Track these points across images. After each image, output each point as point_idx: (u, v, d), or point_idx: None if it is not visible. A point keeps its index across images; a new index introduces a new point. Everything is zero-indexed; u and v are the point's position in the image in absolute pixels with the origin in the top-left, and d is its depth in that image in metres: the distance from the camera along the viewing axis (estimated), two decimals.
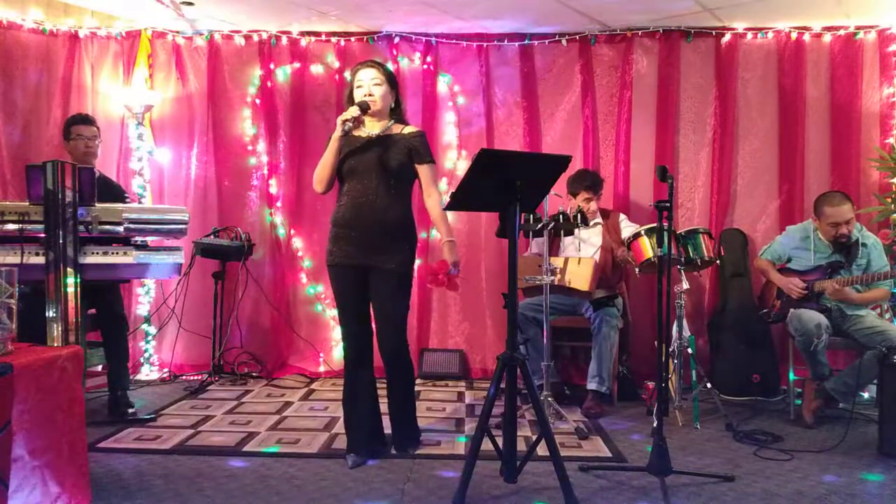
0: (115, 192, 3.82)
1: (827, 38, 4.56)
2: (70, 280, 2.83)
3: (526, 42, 4.72)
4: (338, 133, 2.86)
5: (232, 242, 4.53)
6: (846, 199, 3.72)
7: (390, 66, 4.75)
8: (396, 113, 3.03)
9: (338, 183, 3.02)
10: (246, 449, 3.11)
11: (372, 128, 2.97)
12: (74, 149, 3.74)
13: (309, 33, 4.79)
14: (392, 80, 3.01)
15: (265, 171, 4.82)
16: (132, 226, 3.00)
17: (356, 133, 2.95)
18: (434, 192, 3.02)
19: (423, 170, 2.99)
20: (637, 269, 3.85)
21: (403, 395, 3.10)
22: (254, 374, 4.70)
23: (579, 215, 3.57)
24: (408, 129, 3.02)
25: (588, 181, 4.09)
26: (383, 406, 3.11)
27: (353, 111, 2.86)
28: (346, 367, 3.02)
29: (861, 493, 2.66)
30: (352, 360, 3.00)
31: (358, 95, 2.94)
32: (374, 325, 3.03)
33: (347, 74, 4.80)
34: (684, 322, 3.70)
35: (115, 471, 2.79)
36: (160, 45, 4.80)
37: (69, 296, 2.82)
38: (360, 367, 3.00)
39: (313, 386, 4.46)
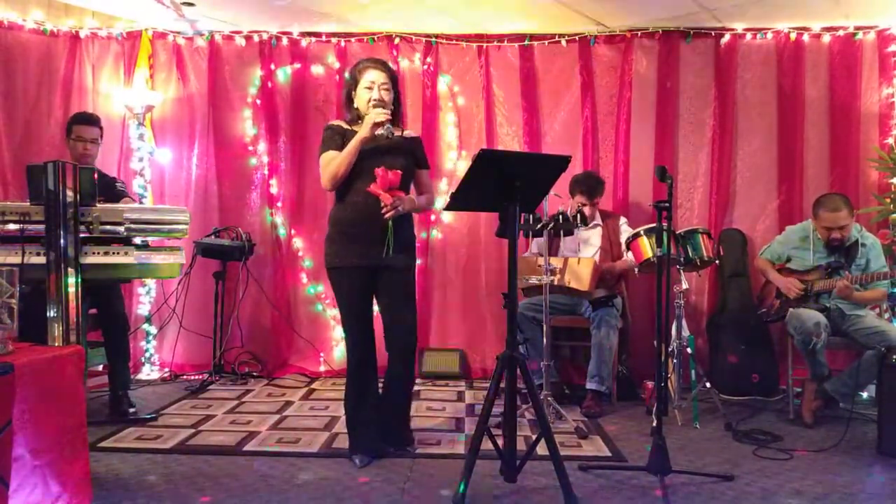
0: (107, 185, 3.77)
1: (826, 38, 4.57)
2: (71, 280, 2.84)
3: (526, 42, 4.73)
4: (365, 134, 2.81)
5: (233, 242, 4.54)
6: (844, 204, 3.67)
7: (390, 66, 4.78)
8: (396, 115, 3.02)
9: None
10: (247, 448, 3.12)
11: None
12: (73, 149, 3.75)
13: (309, 34, 4.80)
14: (396, 84, 3.01)
15: (266, 172, 4.83)
16: (133, 226, 3.01)
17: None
18: (432, 193, 3.17)
19: (423, 174, 3.07)
20: (636, 269, 3.86)
21: (408, 395, 3.12)
22: (254, 373, 4.71)
23: (579, 215, 3.57)
24: (408, 133, 3.07)
25: (584, 186, 4.08)
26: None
27: (384, 114, 2.81)
28: (350, 368, 2.99)
29: (860, 492, 2.67)
30: (357, 362, 2.98)
31: (365, 96, 2.91)
32: (386, 325, 3.03)
33: (348, 74, 4.80)
34: (683, 322, 3.71)
35: (116, 470, 2.79)
36: (161, 46, 4.81)
37: (70, 296, 2.83)
38: (365, 368, 2.99)
39: (314, 385, 4.47)
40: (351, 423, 3.00)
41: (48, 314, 2.79)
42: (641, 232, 3.77)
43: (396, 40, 4.78)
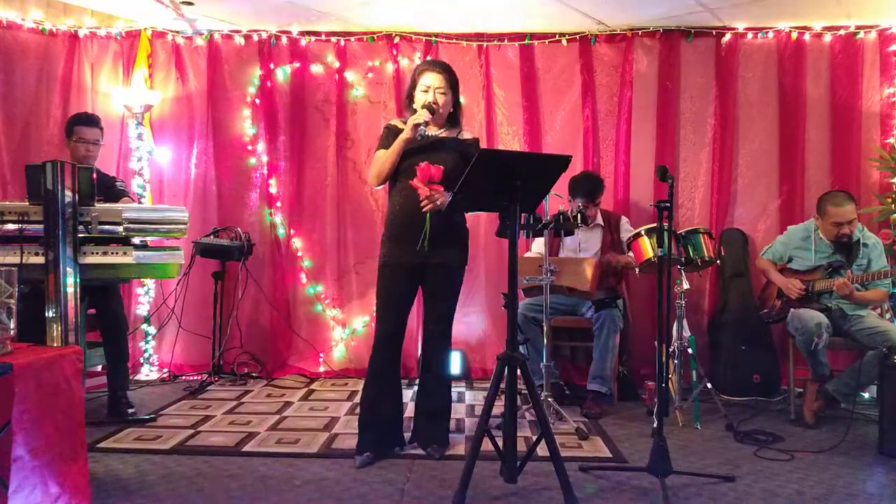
0: (107, 184, 3.75)
1: (827, 37, 4.56)
2: (70, 280, 2.82)
3: (526, 42, 4.72)
4: (407, 135, 2.86)
5: (232, 242, 4.53)
6: (850, 199, 3.71)
7: (391, 66, 4.77)
8: (454, 116, 3.05)
9: (388, 183, 3.03)
10: (246, 449, 3.11)
11: (429, 130, 2.96)
12: (74, 150, 3.73)
13: (309, 33, 4.79)
14: (455, 86, 3.02)
15: (265, 171, 4.82)
16: (132, 226, 2.99)
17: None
18: None
19: None
20: (637, 269, 3.85)
21: (447, 394, 3.11)
22: (253, 374, 4.70)
23: (579, 215, 3.56)
24: (465, 135, 3.07)
25: (585, 190, 4.04)
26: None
27: (425, 115, 2.86)
28: (373, 366, 2.99)
29: (861, 493, 2.66)
30: (383, 361, 2.98)
31: (420, 99, 2.94)
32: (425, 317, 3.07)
33: (348, 74, 4.81)
34: (684, 322, 3.70)
35: (114, 471, 2.79)
36: (160, 45, 4.80)
37: (69, 296, 2.81)
38: (389, 367, 3.00)
39: (313, 386, 4.46)
40: (363, 420, 3.00)
41: (47, 314, 2.78)
42: (642, 232, 3.76)
43: (396, 39, 4.77)
